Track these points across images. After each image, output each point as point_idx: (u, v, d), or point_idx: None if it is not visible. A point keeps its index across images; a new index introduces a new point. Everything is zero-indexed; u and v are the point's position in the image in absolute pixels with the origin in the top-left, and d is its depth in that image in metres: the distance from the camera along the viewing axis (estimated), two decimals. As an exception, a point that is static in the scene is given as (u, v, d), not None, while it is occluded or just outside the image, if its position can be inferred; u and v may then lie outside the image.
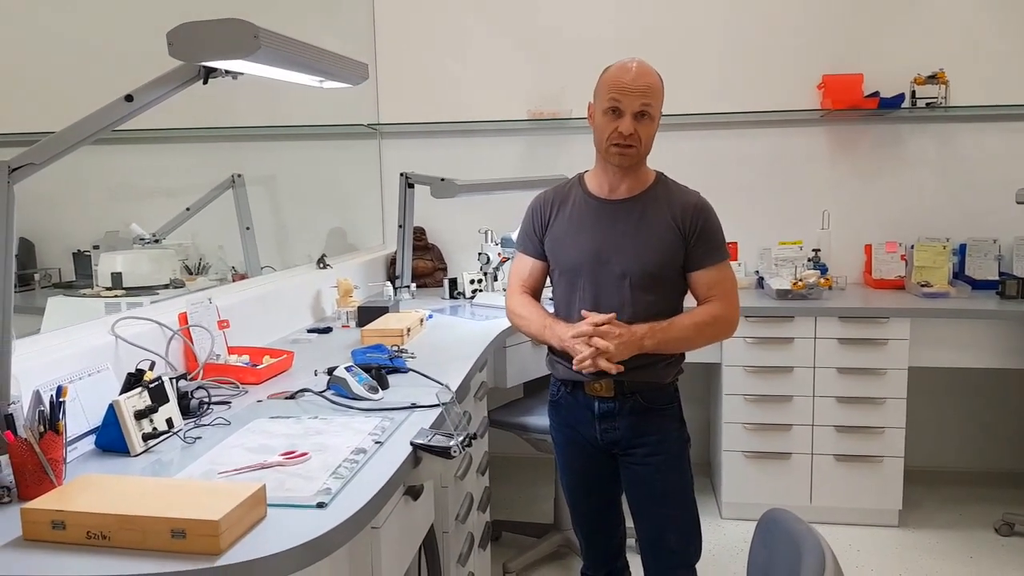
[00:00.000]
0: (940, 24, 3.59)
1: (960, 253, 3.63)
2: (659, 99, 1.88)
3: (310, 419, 1.72)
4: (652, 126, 1.88)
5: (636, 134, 1.86)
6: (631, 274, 1.92)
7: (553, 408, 2.13)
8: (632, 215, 1.94)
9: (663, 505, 2.00)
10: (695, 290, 1.98)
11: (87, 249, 2.28)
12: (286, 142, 3.33)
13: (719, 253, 1.96)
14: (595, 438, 2.02)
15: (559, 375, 2.07)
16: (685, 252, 1.93)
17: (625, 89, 1.86)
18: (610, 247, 1.94)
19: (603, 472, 2.08)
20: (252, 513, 1.22)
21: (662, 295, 1.94)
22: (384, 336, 2.50)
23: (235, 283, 2.70)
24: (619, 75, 1.87)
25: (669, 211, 1.93)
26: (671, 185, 2.00)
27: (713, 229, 1.95)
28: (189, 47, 1.29)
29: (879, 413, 3.20)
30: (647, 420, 1.98)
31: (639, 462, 1.99)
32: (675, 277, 1.96)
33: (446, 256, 4.02)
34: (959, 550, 3.10)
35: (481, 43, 3.89)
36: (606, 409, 1.98)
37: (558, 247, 2.02)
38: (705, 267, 1.94)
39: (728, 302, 1.96)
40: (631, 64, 1.88)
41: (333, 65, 1.65)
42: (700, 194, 1.99)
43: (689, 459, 2.05)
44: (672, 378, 2.01)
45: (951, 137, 3.66)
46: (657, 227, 1.92)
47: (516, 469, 3.92)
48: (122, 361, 1.84)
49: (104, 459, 1.53)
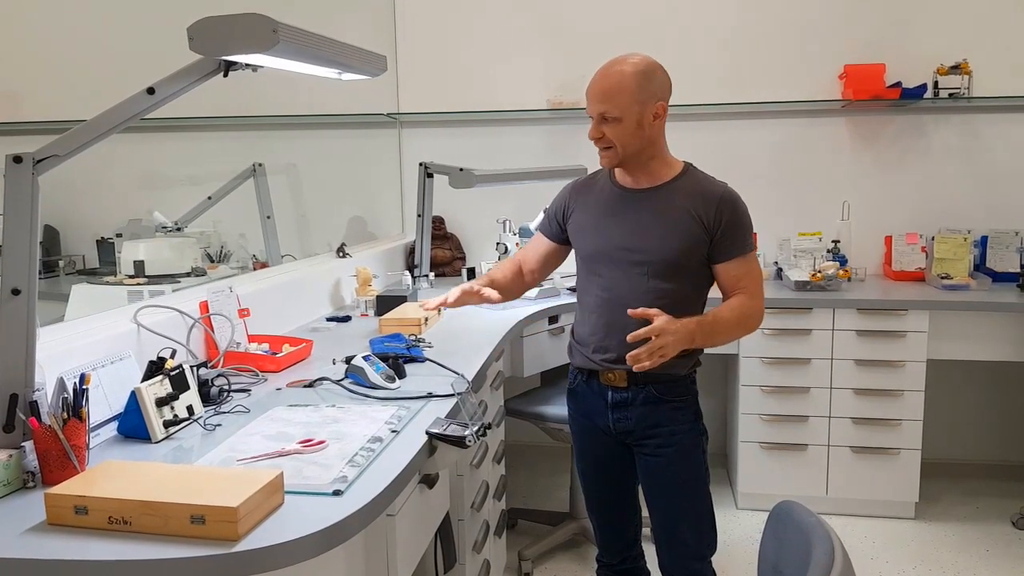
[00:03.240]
0: (963, 13, 3.54)
1: (981, 245, 3.59)
2: (623, 99, 1.86)
3: (328, 407, 1.75)
4: (620, 126, 1.88)
5: (605, 136, 1.90)
6: (647, 262, 1.92)
7: (570, 395, 2.14)
8: (653, 204, 1.94)
9: (675, 497, 2.01)
10: (721, 283, 1.97)
11: (111, 236, 2.32)
12: (307, 131, 3.35)
13: (745, 245, 1.94)
14: (608, 427, 2.03)
15: (575, 362, 2.08)
16: (710, 244, 1.91)
17: (588, 94, 1.91)
18: (628, 235, 1.94)
19: (617, 461, 2.09)
20: (270, 500, 1.24)
21: (679, 285, 1.93)
22: (402, 325, 2.53)
23: (256, 272, 2.73)
24: (591, 81, 1.92)
25: (691, 201, 1.91)
26: (698, 176, 1.98)
27: (739, 221, 1.92)
28: (209, 41, 1.31)
29: (897, 405, 3.19)
30: (660, 411, 1.98)
31: (651, 453, 2.00)
32: (696, 268, 1.94)
33: (464, 245, 4.04)
34: (976, 543, 3.09)
35: (501, 32, 3.89)
36: (619, 398, 1.99)
37: (579, 234, 2.05)
38: (731, 259, 1.93)
39: (756, 295, 1.95)
40: (603, 68, 1.91)
41: (351, 58, 1.67)
42: (728, 185, 1.96)
43: (704, 452, 2.04)
44: (688, 370, 2.00)
45: (974, 128, 3.62)
46: (677, 217, 1.91)
47: (532, 457, 3.95)
48: (144, 349, 1.87)
49: (126, 445, 1.56)
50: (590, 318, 2.02)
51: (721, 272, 1.95)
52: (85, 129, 1.41)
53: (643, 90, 1.87)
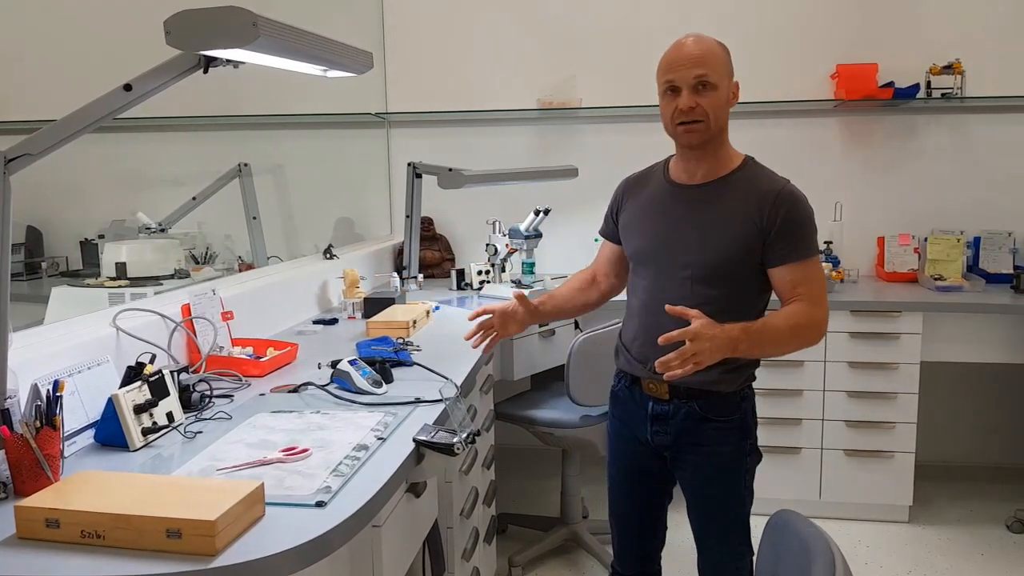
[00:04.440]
0: (956, 13, 3.52)
1: (974, 246, 3.57)
2: (721, 66, 1.73)
3: (312, 413, 1.70)
4: (716, 95, 1.72)
5: (699, 107, 1.72)
6: (693, 266, 1.77)
7: (612, 399, 2.02)
8: (705, 202, 1.79)
9: (710, 515, 1.90)
10: (777, 289, 1.79)
11: (94, 238, 2.27)
12: (294, 131, 3.31)
13: (805, 249, 1.75)
14: (647, 438, 1.91)
15: (619, 365, 1.98)
16: (763, 246, 1.74)
17: (675, 63, 1.74)
18: (674, 236, 1.80)
19: (650, 473, 1.96)
20: (250, 512, 1.19)
21: (728, 292, 1.77)
22: (390, 328, 2.48)
23: (240, 273, 2.68)
24: (670, 53, 1.77)
25: (745, 200, 1.75)
26: (758, 170, 1.82)
27: (798, 221, 1.74)
28: (187, 35, 1.26)
29: (890, 408, 3.16)
30: (701, 430, 1.83)
31: (690, 469, 1.88)
32: (748, 273, 1.78)
33: (454, 246, 3.99)
34: (970, 547, 3.06)
35: (491, 31, 3.84)
36: (660, 411, 1.86)
37: (627, 232, 1.93)
38: (787, 263, 1.74)
39: (817, 302, 1.74)
40: (683, 39, 1.77)
41: (336, 54, 1.62)
42: (790, 183, 1.79)
43: (749, 474, 1.89)
44: (737, 387, 1.83)
45: (966, 128, 3.60)
46: (730, 217, 1.75)
47: (523, 461, 3.90)
48: (124, 353, 1.82)
49: (103, 454, 1.51)
50: (632, 322, 1.91)
51: (776, 277, 1.77)
52: (58, 127, 1.36)
53: (729, 62, 1.78)
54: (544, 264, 3.76)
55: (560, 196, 3.77)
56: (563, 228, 3.82)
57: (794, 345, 1.75)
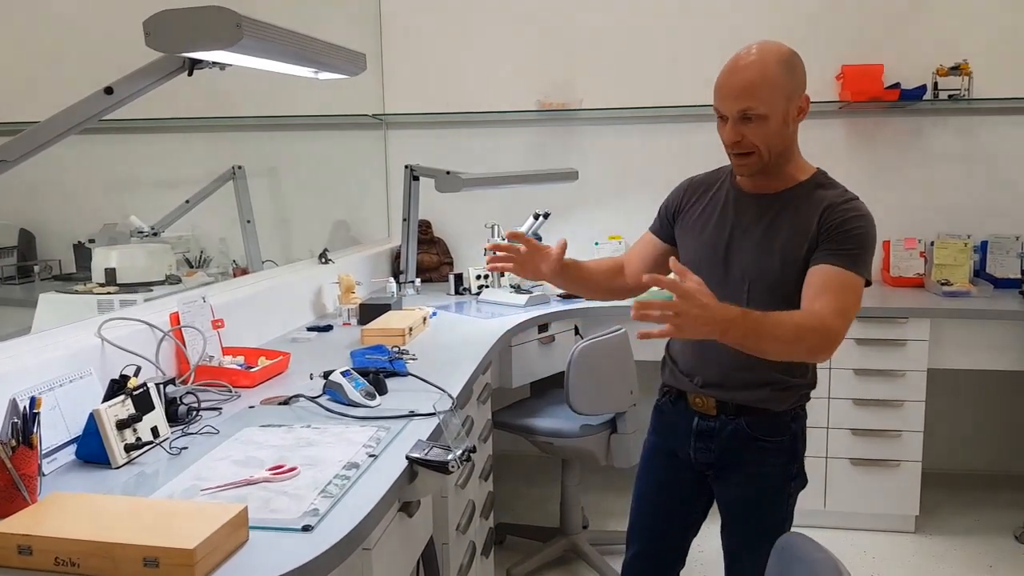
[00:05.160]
0: (963, 14, 3.46)
1: (981, 250, 3.52)
2: (775, 91, 1.60)
3: (302, 427, 1.64)
4: (766, 126, 1.61)
5: (746, 139, 1.63)
6: (750, 279, 1.69)
7: (656, 413, 1.94)
8: (770, 214, 1.70)
9: (746, 538, 1.82)
10: (804, 291, 1.63)
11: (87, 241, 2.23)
12: (289, 132, 3.25)
13: (844, 256, 1.60)
14: (688, 455, 1.83)
15: (665, 378, 1.90)
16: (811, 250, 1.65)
17: (721, 91, 1.65)
18: (734, 245, 1.73)
19: (684, 494, 1.89)
20: (232, 537, 1.14)
21: (784, 309, 1.61)
22: (385, 336, 2.42)
23: (232, 280, 2.63)
24: (721, 75, 1.66)
25: (810, 212, 1.66)
26: (827, 184, 1.71)
27: (850, 231, 1.61)
28: (167, 37, 1.20)
29: (897, 416, 3.10)
30: (747, 449, 1.76)
31: (731, 489, 1.82)
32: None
33: (452, 250, 3.94)
34: (978, 558, 3.00)
35: (489, 31, 3.79)
36: (705, 427, 1.78)
37: (684, 237, 1.84)
38: (819, 264, 1.61)
39: (835, 312, 1.56)
40: (737, 58, 1.64)
41: (327, 55, 1.56)
42: (857, 198, 1.67)
43: (792, 498, 1.82)
44: (788, 406, 1.75)
45: (974, 130, 3.54)
46: (793, 231, 1.67)
47: (522, 468, 3.84)
48: (109, 364, 1.76)
49: (84, 471, 1.45)
50: None
51: (807, 277, 1.63)
52: (36, 132, 1.31)
53: (791, 81, 1.63)
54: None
55: (560, 199, 3.71)
56: (563, 231, 3.75)
57: (798, 349, 1.56)
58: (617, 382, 2.64)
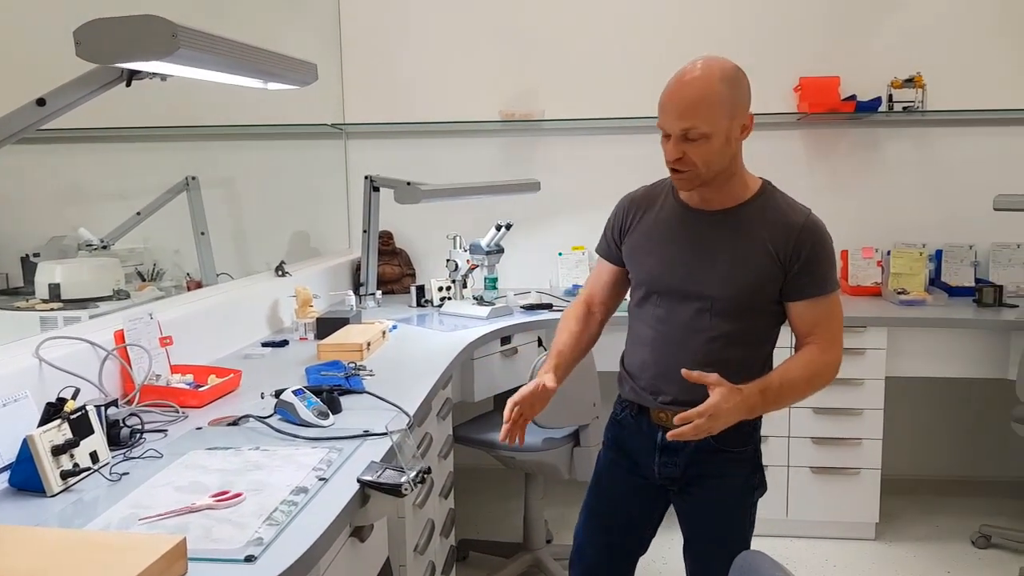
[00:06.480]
0: (917, 27, 3.51)
1: (936, 259, 3.56)
2: (717, 109, 1.60)
3: (251, 450, 1.58)
4: (708, 145, 1.61)
5: (686, 156, 1.62)
6: (710, 298, 1.69)
7: (614, 427, 1.91)
8: (722, 231, 1.70)
9: (709, 550, 1.82)
10: (794, 325, 1.73)
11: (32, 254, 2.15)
12: (246, 142, 3.19)
13: (826, 284, 1.68)
14: (652, 470, 1.81)
15: (624, 393, 1.87)
16: (784, 280, 1.68)
17: (664, 109, 1.64)
18: (693, 265, 1.71)
19: (642, 510, 1.88)
20: (169, 571, 1.08)
21: (746, 325, 1.71)
22: (342, 351, 2.37)
23: (183, 294, 2.56)
24: (665, 91, 1.65)
25: (767, 231, 1.67)
26: (777, 199, 1.73)
27: (821, 256, 1.67)
28: (99, 47, 1.14)
29: (856, 424, 3.12)
30: (713, 461, 1.76)
31: (694, 502, 1.82)
32: (766, 306, 1.72)
33: (414, 261, 3.89)
34: (937, 565, 3.03)
35: (451, 41, 3.75)
36: (671, 442, 1.73)
37: (635, 256, 1.81)
38: (806, 299, 1.68)
39: (834, 344, 1.70)
40: (680, 75, 1.64)
41: (275, 66, 1.52)
42: (812, 213, 1.71)
43: (754, 507, 1.84)
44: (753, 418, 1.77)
45: (928, 141, 3.59)
46: (749, 248, 1.68)
47: (484, 482, 3.79)
48: (48, 386, 1.69)
49: (18, 499, 1.38)
50: (641, 351, 1.80)
51: (794, 313, 1.71)
52: (-39, 145, 1.24)
53: (735, 99, 1.63)
54: (507, 279, 3.67)
55: (522, 210, 3.69)
56: (525, 243, 3.74)
57: (807, 395, 1.72)
58: (580, 395, 2.61)
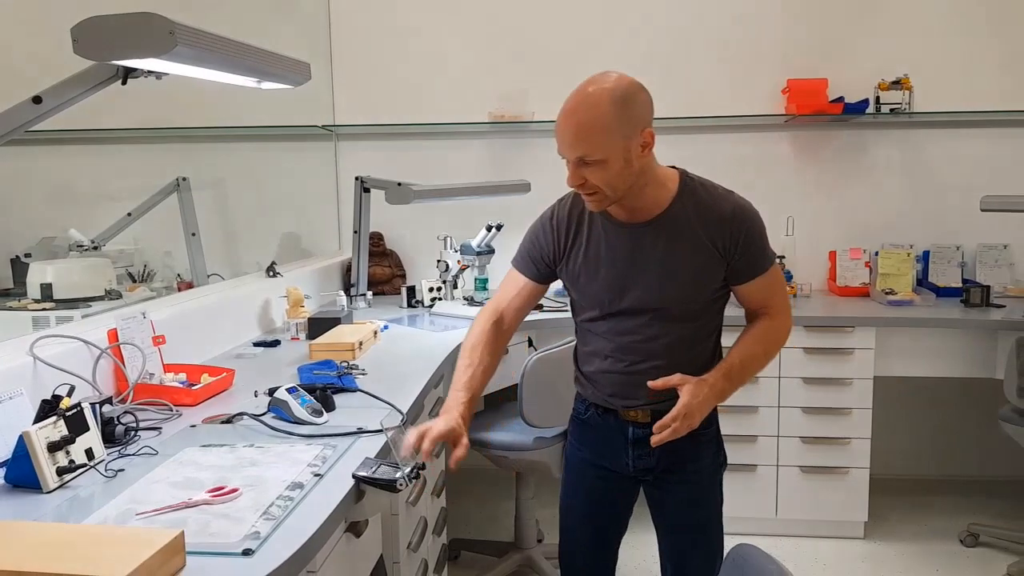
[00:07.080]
0: (905, 29, 3.55)
1: (924, 260, 3.60)
2: (607, 136, 1.55)
3: (245, 447, 1.59)
4: (605, 168, 1.58)
5: (588, 181, 1.61)
6: (661, 307, 1.71)
7: (579, 426, 1.91)
8: (659, 240, 1.69)
9: (689, 532, 1.86)
10: (744, 303, 1.79)
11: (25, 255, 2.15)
12: (237, 143, 3.19)
13: (766, 260, 1.73)
14: (626, 464, 1.83)
15: (586, 396, 1.88)
16: (727, 268, 1.70)
17: (557, 134, 1.61)
18: (640, 282, 1.71)
19: (619, 503, 1.90)
20: (168, 564, 1.09)
21: (699, 322, 1.75)
22: (334, 350, 2.38)
23: (175, 294, 2.56)
24: (558, 116, 1.60)
25: (701, 228, 1.68)
26: (699, 193, 1.71)
27: (755, 235, 1.70)
28: (97, 44, 1.15)
29: (845, 424, 3.15)
30: (684, 447, 1.76)
31: (670, 489, 1.84)
32: (715, 295, 1.74)
33: (405, 262, 3.89)
34: (926, 563, 3.06)
35: (441, 43, 3.77)
36: (642, 435, 1.76)
37: (579, 281, 1.79)
38: (754, 278, 1.73)
39: (783, 311, 1.79)
40: (570, 100, 1.60)
41: (270, 64, 1.53)
42: (735, 195, 1.73)
43: (722, 484, 1.89)
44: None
45: (915, 143, 3.63)
46: (689, 250, 1.68)
47: (476, 482, 3.80)
48: (42, 384, 1.69)
49: (14, 496, 1.38)
50: (600, 363, 1.80)
51: (743, 294, 1.76)
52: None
53: (626, 121, 1.56)
54: (497, 280, 3.66)
55: (514, 210, 3.69)
56: (516, 243, 3.73)
57: (768, 361, 1.79)
58: (570, 394, 2.61)
